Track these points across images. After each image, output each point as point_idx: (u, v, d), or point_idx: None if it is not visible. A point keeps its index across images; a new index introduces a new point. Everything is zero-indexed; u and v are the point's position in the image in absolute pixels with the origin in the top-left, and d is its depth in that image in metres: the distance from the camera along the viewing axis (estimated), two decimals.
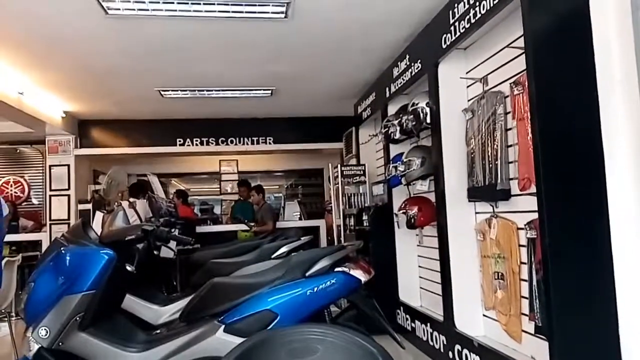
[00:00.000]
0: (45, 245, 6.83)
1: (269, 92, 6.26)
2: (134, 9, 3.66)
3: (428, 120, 3.85)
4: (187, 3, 3.61)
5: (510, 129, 3.04)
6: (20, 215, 8.11)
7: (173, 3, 3.60)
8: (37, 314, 2.38)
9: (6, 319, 4.41)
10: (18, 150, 8.70)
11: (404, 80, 4.49)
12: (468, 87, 3.62)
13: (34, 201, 8.69)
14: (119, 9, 3.65)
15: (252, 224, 6.81)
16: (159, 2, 3.59)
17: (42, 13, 3.74)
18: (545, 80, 2.52)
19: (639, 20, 2.28)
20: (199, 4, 3.63)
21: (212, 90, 6.12)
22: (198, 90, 6.11)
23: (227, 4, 3.66)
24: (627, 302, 2.36)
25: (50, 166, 7.39)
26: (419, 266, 4.70)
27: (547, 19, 2.54)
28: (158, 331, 2.96)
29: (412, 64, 4.26)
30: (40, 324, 2.34)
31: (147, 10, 3.67)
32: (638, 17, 2.28)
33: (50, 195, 7.34)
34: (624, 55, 2.37)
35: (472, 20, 3.17)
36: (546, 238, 2.44)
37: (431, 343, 3.91)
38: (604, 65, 2.45)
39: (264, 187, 7.84)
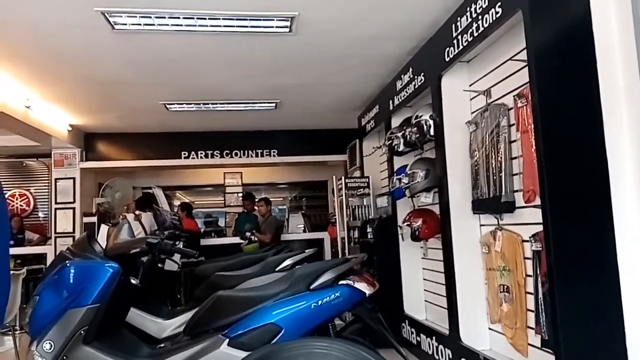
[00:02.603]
0: (50, 259, 6.85)
1: (274, 105, 6.30)
2: (140, 24, 3.70)
3: (432, 133, 3.86)
4: (193, 18, 3.66)
5: (514, 141, 3.04)
6: (26, 228, 8.15)
7: (179, 18, 3.65)
8: (42, 327, 2.38)
9: (10, 332, 4.42)
10: (24, 164, 8.76)
11: (407, 92, 4.51)
12: (471, 99, 3.63)
13: (40, 214, 8.73)
14: (126, 24, 3.70)
15: (248, 233, 6.81)
16: (164, 17, 3.63)
17: (49, 28, 3.79)
18: (548, 92, 2.53)
19: None
20: (205, 18, 3.67)
21: (216, 104, 6.16)
22: (203, 104, 6.15)
23: (232, 19, 3.70)
24: (634, 313, 2.34)
25: (55, 179, 7.42)
26: (424, 279, 4.67)
27: (549, 32, 2.56)
28: (162, 345, 2.95)
29: (416, 77, 4.29)
30: (45, 338, 2.34)
31: (154, 25, 3.72)
32: None
33: (55, 209, 7.36)
34: (627, 67, 2.38)
35: (475, 34, 3.19)
36: (551, 250, 2.43)
37: (437, 357, 3.88)
38: (606, 77, 2.46)
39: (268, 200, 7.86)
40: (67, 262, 2.51)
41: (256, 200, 7.85)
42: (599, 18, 2.49)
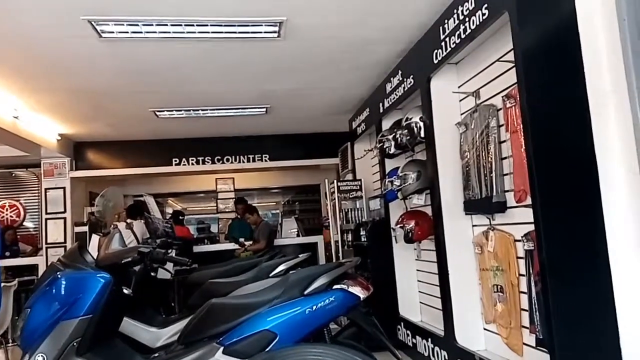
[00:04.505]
0: (41, 270, 6.77)
1: (264, 109, 6.29)
2: (127, 32, 3.69)
3: (422, 135, 3.88)
4: (181, 25, 3.64)
5: (504, 141, 3.06)
6: (18, 239, 8.07)
7: (166, 25, 3.64)
8: (34, 340, 2.35)
9: (2, 345, 4.37)
10: (13, 174, 8.69)
11: (397, 95, 4.53)
12: (460, 101, 3.65)
13: (30, 225, 8.64)
14: (113, 32, 3.68)
15: (243, 240, 6.79)
16: (152, 25, 3.62)
17: (36, 37, 3.76)
18: (536, 92, 2.54)
19: (626, 32, 2.31)
20: (192, 25, 3.66)
21: (207, 110, 6.15)
22: (193, 110, 6.13)
23: (220, 25, 3.69)
24: (627, 311, 2.36)
25: (45, 189, 7.35)
26: (418, 280, 4.68)
27: (536, 33, 2.58)
28: (156, 354, 2.93)
29: (405, 80, 4.30)
30: (37, 351, 2.31)
31: (141, 32, 3.70)
32: (625, 28, 2.31)
33: (46, 219, 7.30)
34: (613, 66, 2.40)
35: (463, 36, 3.21)
36: (543, 249, 2.44)
37: (433, 358, 3.88)
38: (593, 76, 2.48)
39: (261, 205, 7.84)
40: (58, 273, 2.49)
41: (248, 204, 7.80)
42: (584, 18, 2.51)
